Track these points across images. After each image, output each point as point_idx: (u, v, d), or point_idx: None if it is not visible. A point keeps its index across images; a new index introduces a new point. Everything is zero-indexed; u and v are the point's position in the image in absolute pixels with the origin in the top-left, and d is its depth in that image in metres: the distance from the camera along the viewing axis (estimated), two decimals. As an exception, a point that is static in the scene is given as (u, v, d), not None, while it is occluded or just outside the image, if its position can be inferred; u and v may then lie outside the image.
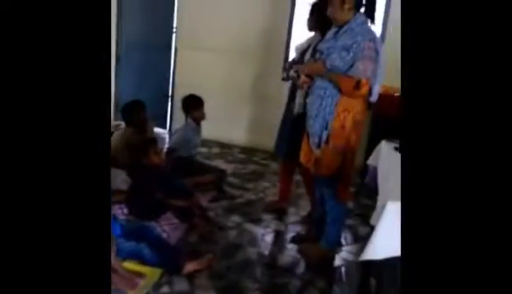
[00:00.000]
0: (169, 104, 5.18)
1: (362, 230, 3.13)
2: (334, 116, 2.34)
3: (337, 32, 2.39)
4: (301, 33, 4.63)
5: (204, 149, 4.60)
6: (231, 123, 4.93)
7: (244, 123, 4.92)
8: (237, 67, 4.81)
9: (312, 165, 2.49)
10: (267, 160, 4.52)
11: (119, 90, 5.31)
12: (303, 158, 2.60)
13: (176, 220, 2.83)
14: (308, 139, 2.49)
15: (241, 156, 4.60)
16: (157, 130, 5.11)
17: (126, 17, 5.09)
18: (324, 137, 2.38)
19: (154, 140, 2.97)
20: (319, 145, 2.40)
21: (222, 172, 3.60)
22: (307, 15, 3.38)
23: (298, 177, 3.31)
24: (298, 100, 2.82)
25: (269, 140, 4.80)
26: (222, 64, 4.85)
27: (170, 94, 5.15)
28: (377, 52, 2.27)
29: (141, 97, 5.03)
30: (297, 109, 2.84)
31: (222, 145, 4.84)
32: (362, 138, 2.87)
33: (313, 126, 2.41)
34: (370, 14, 2.35)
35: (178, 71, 5.04)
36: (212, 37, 4.82)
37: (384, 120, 3.53)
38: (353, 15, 2.31)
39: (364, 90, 2.27)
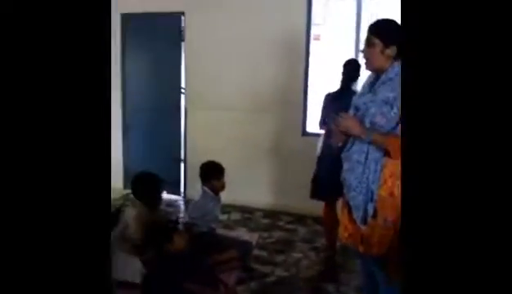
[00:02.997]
0: (182, 168, 4.82)
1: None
2: (381, 183, 1.94)
3: (373, 83, 2.05)
4: (318, 85, 4.37)
5: (223, 216, 4.19)
6: (250, 185, 4.54)
7: (264, 184, 4.53)
8: (253, 125, 4.48)
9: (358, 243, 2.07)
10: (294, 224, 4.10)
11: (128, 156, 5.01)
12: (342, 233, 2.18)
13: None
14: (349, 212, 2.09)
15: (265, 221, 4.18)
16: (171, 197, 4.78)
17: (130, 82, 4.87)
18: (370, 210, 1.96)
19: (177, 221, 2.59)
20: (365, 220, 1.99)
21: (247, 245, 3.17)
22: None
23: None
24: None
25: (293, 201, 4.43)
26: (237, 123, 4.53)
27: (183, 157, 4.80)
28: None
29: (152, 163, 4.74)
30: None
31: (243, 210, 4.43)
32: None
33: (356, 198, 2.00)
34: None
35: (190, 133, 4.72)
36: (223, 96, 4.53)
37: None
38: (391, 63, 1.98)
39: None
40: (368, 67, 2.08)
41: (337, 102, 3.27)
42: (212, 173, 3.09)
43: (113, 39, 4.81)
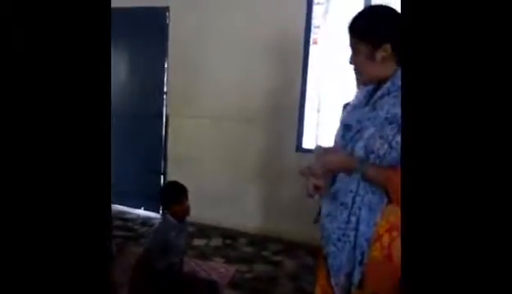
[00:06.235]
0: (162, 182, 4.29)
1: None
2: (373, 239, 1.37)
3: (371, 95, 1.48)
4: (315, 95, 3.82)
5: (201, 241, 3.66)
6: (235, 206, 3.99)
7: (252, 205, 3.97)
8: (241, 138, 3.93)
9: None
10: (281, 255, 3.52)
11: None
12: None
13: None
14: (328, 274, 1.52)
15: (248, 250, 3.61)
16: (149, 214, 4.27)
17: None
18: (356, 277, 1.39)
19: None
20: (347, 292, 1.42)
21: (214, 287, 2.60)
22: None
23: None
24: None
25: (283, 226, 3.86)
26: (223, 134, 3.99)
27: (162, 170, 4.27)
28: None
29: (130, 174, 4.24)
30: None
31: (225, 234, 3.87)
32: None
33: (336, 256, 1.43)
34: None
35: (171, 143, 4.20)
36: (210, 104, 4.00)
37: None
38: (396, 64, 1.40)
39: None
40: (362, 81, 1.50)
41: None
42: (172, 196, 2.55)
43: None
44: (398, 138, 1.29)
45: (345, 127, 1.48)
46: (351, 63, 1.46)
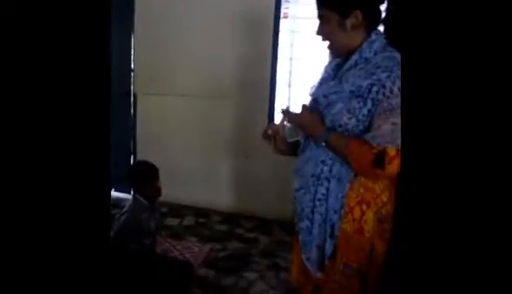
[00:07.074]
0: (132, 162, 4.19)
1: None
2: (344, 212, 1.35)
3: (339, 66, 1.45)
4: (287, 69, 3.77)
5: (174, 221, 3.62)
6: (208, 184, 3.95)
7: (225, 182, 3.93)
8: (212, 115, 3.86)
9: (309, 292, 1.49)
10: (255, 232, 3.51)
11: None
12: (294, 274, 1.61)
13: None
14: (300, 249, 1.50)
15: (222, 228, 3.59)
16: (119, 195, 4.18)
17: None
18: (329, 250, 1.38)
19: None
20: (320, 265, 1.41)
21: (187, 268, 2.57)
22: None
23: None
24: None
25: (257, 203, 3.85)
26: (194, 111, 3.90)
27: (132, 150, 4.17)
28: None
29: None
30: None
31: (198, 213, 3.82)
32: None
33: (306, 231, 1.43)
34: (389, 29, 1.43)
35: (140, 122, 4.09)
36: (179, 81, 3.89)
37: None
38: (366, 35, 1.37)
39: (393, 166, 1.23)
40: (334, 52, 1.47)
41: None
42: (142, 177, 2.49)
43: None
44: (364, 111, 1.28)
45: (314, 102, 1.46)
46: (318, 34, 1.43)
